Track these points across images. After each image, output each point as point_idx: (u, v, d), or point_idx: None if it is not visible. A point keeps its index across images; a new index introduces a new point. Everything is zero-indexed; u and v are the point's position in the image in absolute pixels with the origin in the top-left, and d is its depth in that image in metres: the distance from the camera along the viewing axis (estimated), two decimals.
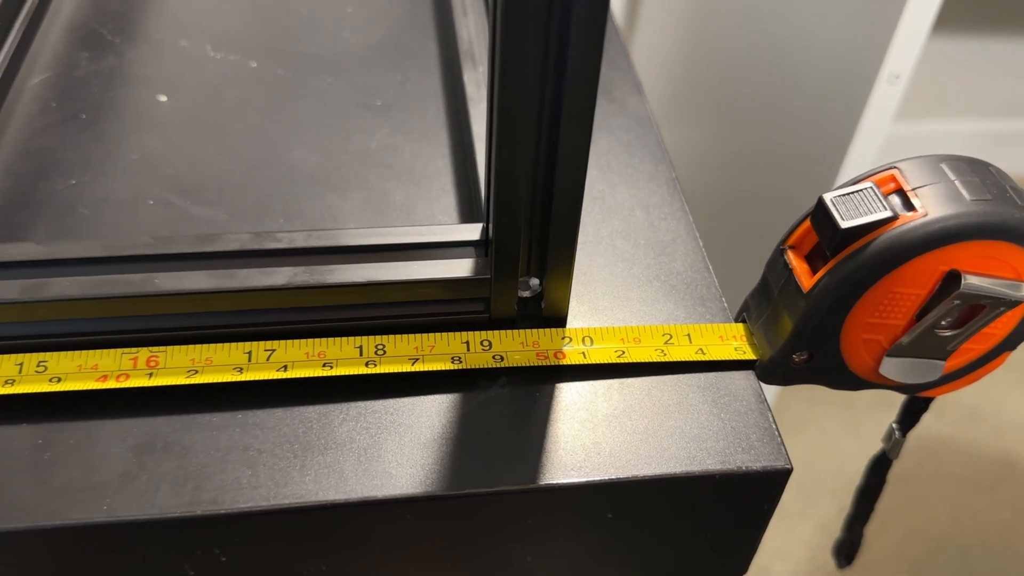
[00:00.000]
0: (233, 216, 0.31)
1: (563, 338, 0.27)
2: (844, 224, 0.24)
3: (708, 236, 0.33)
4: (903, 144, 1.21)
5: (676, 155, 0.38)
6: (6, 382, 0.25)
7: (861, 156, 0.53)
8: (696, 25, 0.75)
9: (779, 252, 0.27)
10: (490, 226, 0.26)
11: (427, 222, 0.31)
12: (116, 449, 0.24)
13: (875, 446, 0.35)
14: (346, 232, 0.27)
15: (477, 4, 0.37)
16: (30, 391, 0.25)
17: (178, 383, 0.25)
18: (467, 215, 0.31)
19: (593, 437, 0.25)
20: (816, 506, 0.93)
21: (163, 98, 0.35)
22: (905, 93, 0.51)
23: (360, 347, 0.27)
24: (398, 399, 0.26)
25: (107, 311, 0.25)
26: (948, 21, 1.03)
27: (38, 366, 0.25)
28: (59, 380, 0.25)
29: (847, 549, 0.37)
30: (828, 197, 0.25)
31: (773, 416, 0.26)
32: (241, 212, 0.31)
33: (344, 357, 0.26)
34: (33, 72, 0.36)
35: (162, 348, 0.26)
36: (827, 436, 0.98)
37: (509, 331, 0.27)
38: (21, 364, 0.25)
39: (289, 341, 0.26)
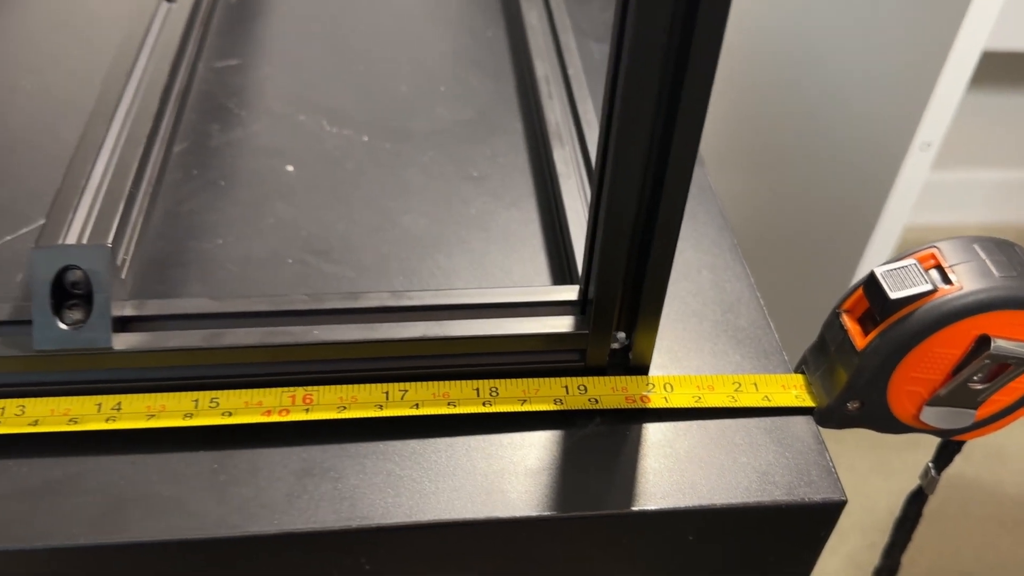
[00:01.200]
0: (359, 274, 0.36)
1: (647, 384, 0.32)
2: (893, 296, 0.29)
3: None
4: (932, 191, 1.25)
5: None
6: (185, 415, 0.30)
7: (893, 218, 0.58)
8: (738, 83, 0.81)
9: (835, 315, 0.32)
10: (589, 288, 0.31)
11: (523, 280, 0.36)
12: (280, 473, 0.29)
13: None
14: (465, 292, 0.32)
15: (560, 89, 0.43)
16: (206, 424, 0.30)
17: (330, 417, 0.30)
18: (558, 274, 0.36)
19: (677, 470, 0.30)
20: (846, 542, 0.96)
21: (290, 168, 0.41)
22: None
23: (477, 389, 0.31)
24: (510, 434, 0.31)
25: (271, 357, 0.30)
26: (978, 79, 1.08)
27: (211, 402, 0.30)
28: (230, 414, 0.30)
29: (886, 575, 0.42)
30: (879, 272, 0.30)
31: (830, 455, 0.31)
32: (365, 270, 0.36)
33: (464, 397, 0.31)
34: (175, 142, 0.42)
35: (316, 388, 0.31)
36: (857, 475, 1.01)
37: (601, 377, 0.32)
38: (196, 400, 0.31)
39: (419, 383, 0.31)
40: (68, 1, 0.51)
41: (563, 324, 0.31)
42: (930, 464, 0.38)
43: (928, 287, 0.29)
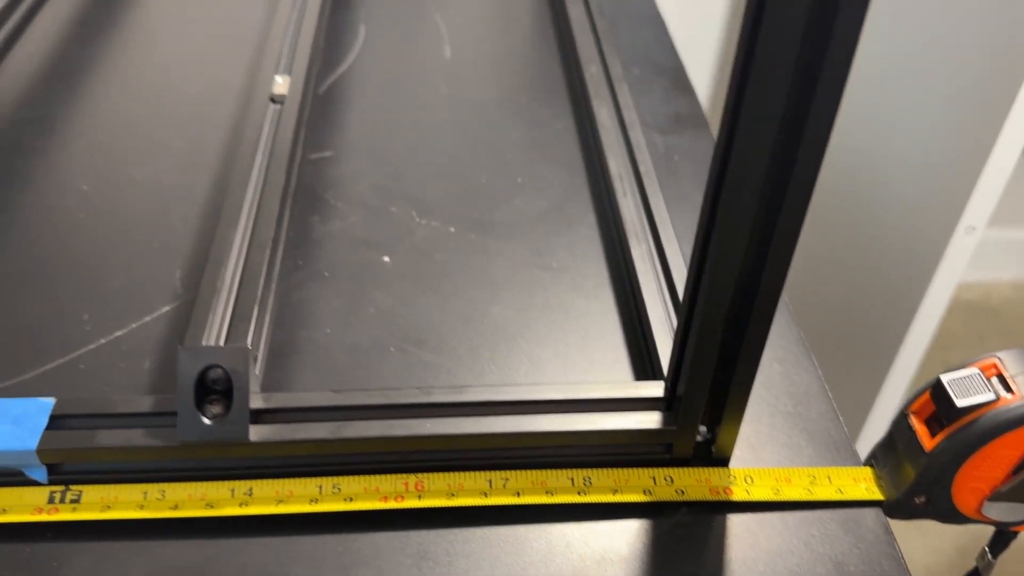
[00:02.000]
0: (455, 363, 0.39)
1: (729, 477, 0.35)
2: (959, 404, 0.32)
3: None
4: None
5: None
6: (311, 500, 0.33)
7: (937, 298, 0.60)
8: None
9: (903, 415, 0.34)
10: (678, 385, 0.34)
11: (605, 371, 0.39)
12: (400, 557, 0.32)
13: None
14: (559, 387, 0.35)
15: (632, 186, 0.46)
16: (330, 509, 0.33)
17: (441, 505, 0.33)
18: (639, 366, 0.39)
19: (760, 560, 0.32)
20: None
21: (386, 259, 0.44)
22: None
23: (572, 479, 0.34)
24: (603, 522, 0.34)
25: (388, 447, 0.33)
26: None
27: (334, 488, 0.34)
28: (351, 500, 0.33)
29: None
30: (945, 379, 0.32)
31: (899, 546, 0.33)
32: (460, 360, 0.39)
33: (560, 487, 0.34)
34: (281, 233, 0.45)
35: (427, 475, 0.34)
36: (909, 557, 1.02)
37: (686, 469, 0.35)
38: (321, 486, 0.34)
39: (519, 471, 0.34)
40: (171, 92, 0.55)
41: (651, 420, 0.34)
42: (986, 548, 0.40)
43: (991, 396, 0.32)
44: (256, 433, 0.33)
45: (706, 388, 0.32)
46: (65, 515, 0.33)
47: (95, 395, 0.36)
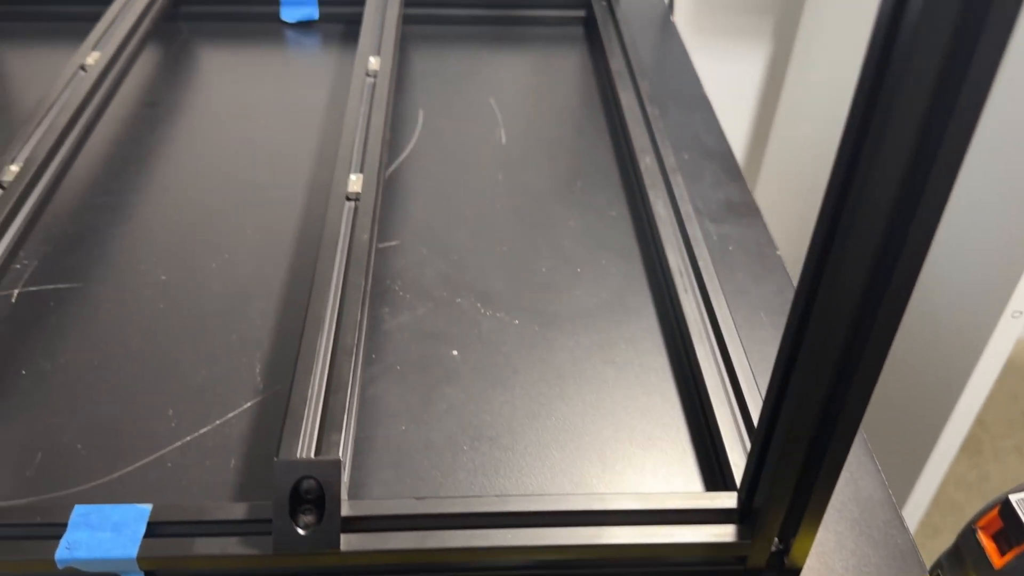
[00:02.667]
0: (526, 462, 0.40)
1: None
2: None
3: None
4: None
5: None
6: None
7: (980, 383, 0.61)
8: None
9: (971, 530, 0.35)
10: (755, 498, 0.35)
11: (673, 474, 0.40)
12: None
13: None
14: (632, 497, 0.36)
15: (692, 282, 0.47)
16: None
17: None
18: (707, 471, 0.40)
19: None
20: None
21: (455, 352, 0.46)
22: None
23: None
24: None
25: (470, 557, 0.35)
26: None
27: None
28: None
29: None
30: (1013, 499, 0.33)
31: None
32: (531, 458, 0.41)
33: None
34: (362, 336, 0.47)
35: None
36: None
37: None
38: None
39: None
40: (242, 181, 0.57)
41: (726, 533, 0.35)
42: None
43: None
44: (346, 542, 0.34)
45: (785, 503, 0.33)
46: None
47: (188, 499, 0.38)
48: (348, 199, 0.49)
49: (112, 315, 0.47)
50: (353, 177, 0.50)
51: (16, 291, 0.48)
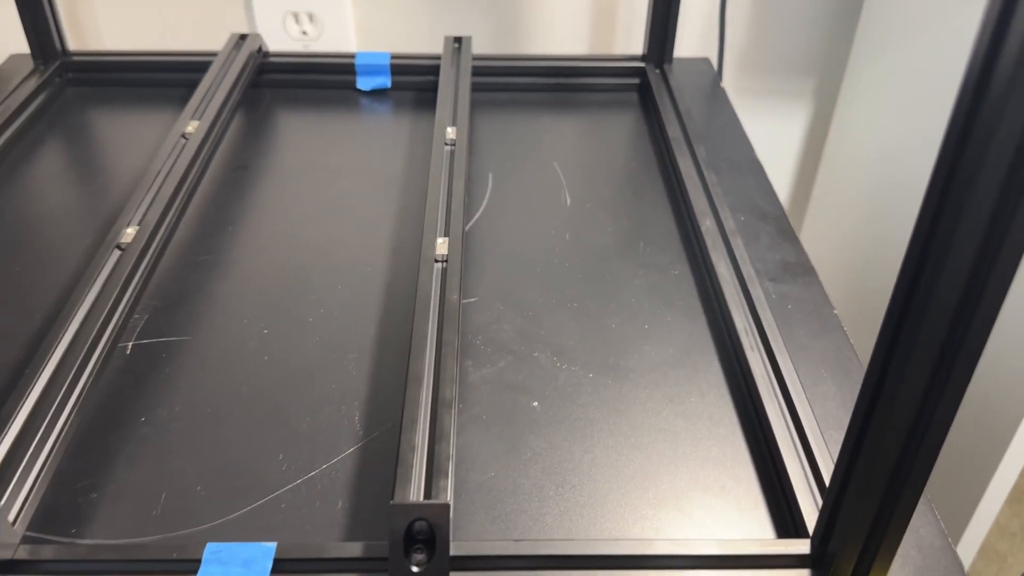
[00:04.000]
0: (608, 507, 0.44)
1: None
2: None
3: None
4: None
5: None
6: None
7: (1010, 466, 0.64)
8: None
9: None
10: (830, 543, 0.37)
11: (746, 522, 0.43)
12: None
13: None
14: (711, 543, 0.39)
15: (757, 341, 0.51)
16: None
17: None
18: (778, 519, 0.43)
19: None
20: None
21: (535, 404, 0.49)
22: None
23: None
24: None
25: None
26: None
27: None
28: None
29: None
30: None
31: None
32: (612, 504, 0.44)
33: None
34: (456, 389, 0.50)
35: None
36: None
37: None
38: None
39: None
40: (329, 240, 0.62)
41: None
42: None
43: None
44: None
45: (858, 549, 0.36)
46: None
47: (302, 538, 0.41)
48: (436, 261, 0.53)
49: (220, 366, 0.52)
50: (440, 240, 0.54)
51: (131, 344, 0.53)
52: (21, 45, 0.91)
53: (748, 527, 0.43)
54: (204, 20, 0.95)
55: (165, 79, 0.81)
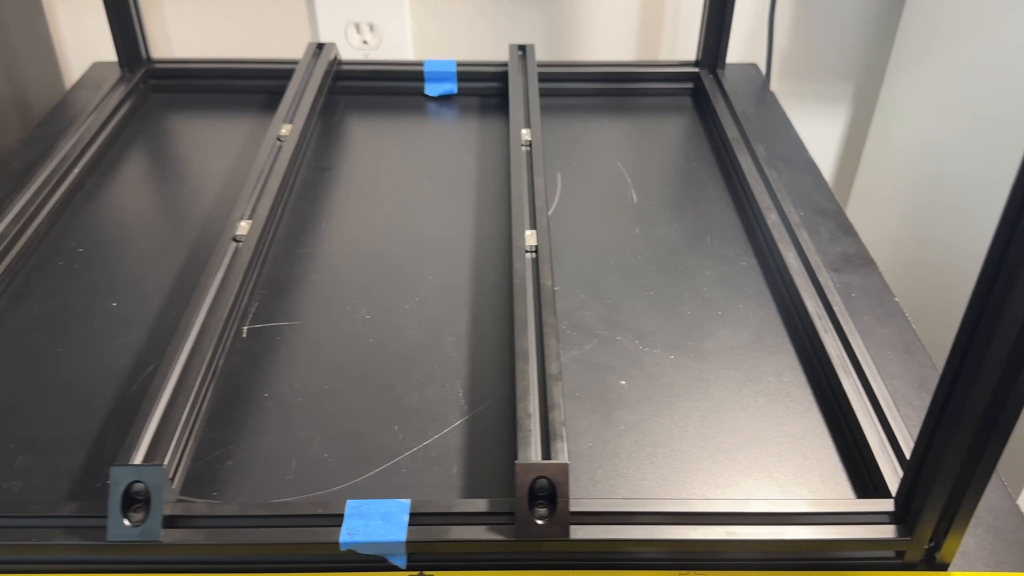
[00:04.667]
0: (699, 475, 0.47)
1: None
2: None
3: None
4: None
5: None
6: None
7: None
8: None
9: None
10: (912, 505, 0.41)
11: (829, 486, 0.47)
12: None
13: None
14: (809, 502, 0.43)
15: (830, 325, 0.54)
16: None
17: None
18: (857, 483, 0.47)
19: None
20: None
21: (623, 383, 0.53)
22: None
23: None
24: None
25: (678, 547, 0.42)
26: None
27: None
28: None
29: None
30: None
31: None
32: (702, 473, 0.48)
33: None
34: (547, 357, 0.54)
35: (698, 572, 0.42)
36: None
37: (915, 573, 0.42)
38: None
39: (778, 572, 0.42)
40: (416, 234, 0.66)
41: (887, 531, 0.42)
42: None
43: None
44: (575, 532, 0.41)
45: (939, 509, 0.40)
46: None
47: (435, 497, 0.46)
48: (527, 252, 0.57)
49: (331, 348, 0.56)
50: (528, 232, 0.58)
51: (246, 328, 0.57)
52: (101, 54, 0.97)
53: (831, 491, 0.47)
54: (269, 30, 1.00)
55: (243, 85, 0.86)
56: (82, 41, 0.99)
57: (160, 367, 0.48)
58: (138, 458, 0.42)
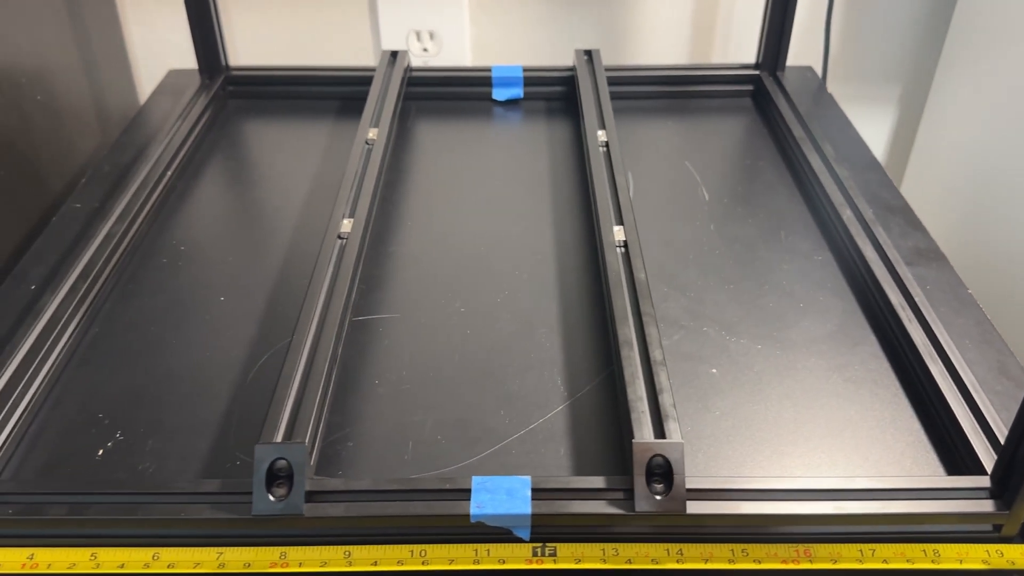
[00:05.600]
0: (796, 457, 0.50)
1: None
2: None
3: None
4: None
5: None
6: (728, 560, 0.44)
7: None
8: None
9: None
10: (1011, 481, 0.43)
11: (920, 467, 0.49)
12: None
13: None
14: (910, 479, 0.45)
15: (911, 315, 0.57)
16: (742, 568, 0.43)
17: (825, 567, 0.43)
18: (950, 464, 0.49)
19: None
20: None
21: (714, 371, 0.56)
22: None
23: (924, 551, 0.44)
24: None
25: (782, 523, 0.44)
26: None
27: (742, 552, 0.44)
28: (759, 561, 0.44)
29: None
30: None
31: None
32: (800, 456, 0.50)
33: (917, 556, 0.44)
34: (650, 344, 0.57)
35: (810, 545, 0.44)
36: None
37: (1013, 544, 0.44)
38: (732, 551, 0.44)
39: (883, 544, 0.44)
40: (496, 232, 0.69)
41: (985, 506, 0.44)
42: None
43: None
44: (691, 507, 0.44)
45: None
46: (548, 565, 0.44)
47: (554, 474, 0.48)
48: (618, 247, 0.59)
49: (431, 338, 0.58)
50: (616, 228, 0.61)
51: (348, 319, 0.60)
52: (168, 62, 1.00)
53: (923, 471, 0.49)
54: (332, 37, 1.03)
55: (316, 92, 0.89)
56: (150, 49, 1.03)
57: (288, 354, 0.51)
58: (279, 437, 0.45)
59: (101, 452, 0.51)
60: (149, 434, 0.52)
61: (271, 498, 0.44)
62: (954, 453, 0.50)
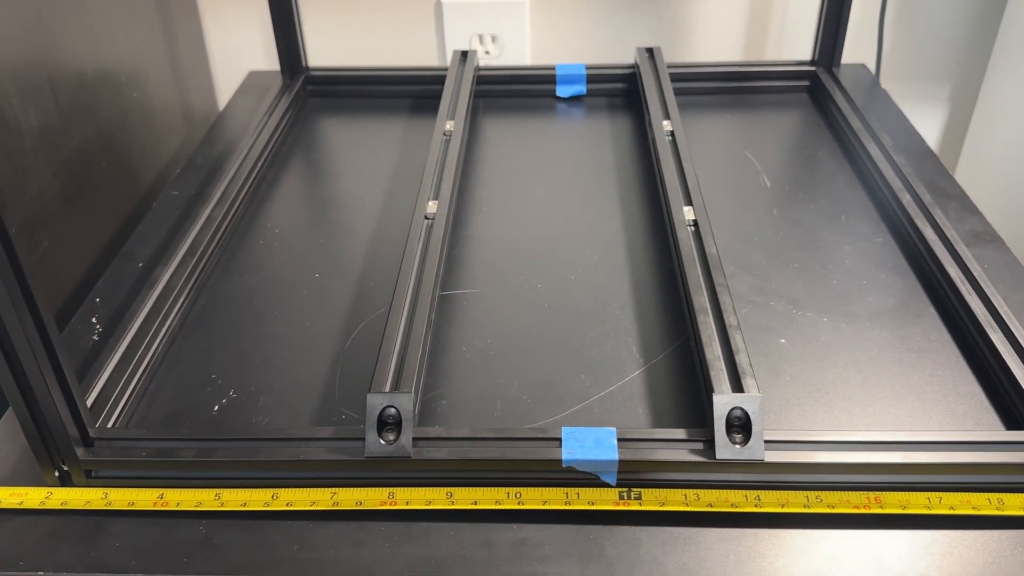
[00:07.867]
0: (866, 417, 0.53)
1: None
2: None
3: None
4: None
5: None
6: (803, 505, 0.47)
7: None
8: None
9: None
10: None
11: (982, 425, 0.52)
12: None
13: None
14: (980, 432, 0.48)
15: (970, 290, 0.59)
16: (814, 511, 0.47)
17: (895, 512, 0.46)
18: (1010, 423, 0.52)
19: None
20: None
21: (783, 341, 0.59)
22: None
23: (988, 500, 0.47)
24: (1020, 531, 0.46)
25: (853, 471, 0.47)
26: None
27: (816, 498, 0.47)
28: (833, 507, 0.47)
29: None
30: None
31: None
32: (870, 416, 0.53)
33: (982, 504, 0.46)
34: (724, 311, 0.60)
35: (881, 493, 0.47)
36: None
37: None
38: (808, 496, 0.47)
39: (953, 494, 0.47)
40: (575, 222, 0.73)
41: None
42: None
43: None
44: (769, 456, 0.47)
45: None
46: (634, 506, 0.47)
47: (635, 425, 0.52)
48: (688, 226, 0.63)
49: (512, 311, 0.63)
50: (687, 208, 0.65)
51: (437, 291, 0.64)
52: (244, 63, 1.06)
53: (966, 417, 0.52)
54: (399, 39, 1.09)
55: (390, 91, 0.94)
56: (225, 52, 1.09)
57: (390, 317, 0.55)
58: (388, 387, 0.50)
59: (216, 408, 0.55)
60: (260, 392, 0.56)
61: (381, 442, 0.48)
62: (1015, 412, 0.52)
